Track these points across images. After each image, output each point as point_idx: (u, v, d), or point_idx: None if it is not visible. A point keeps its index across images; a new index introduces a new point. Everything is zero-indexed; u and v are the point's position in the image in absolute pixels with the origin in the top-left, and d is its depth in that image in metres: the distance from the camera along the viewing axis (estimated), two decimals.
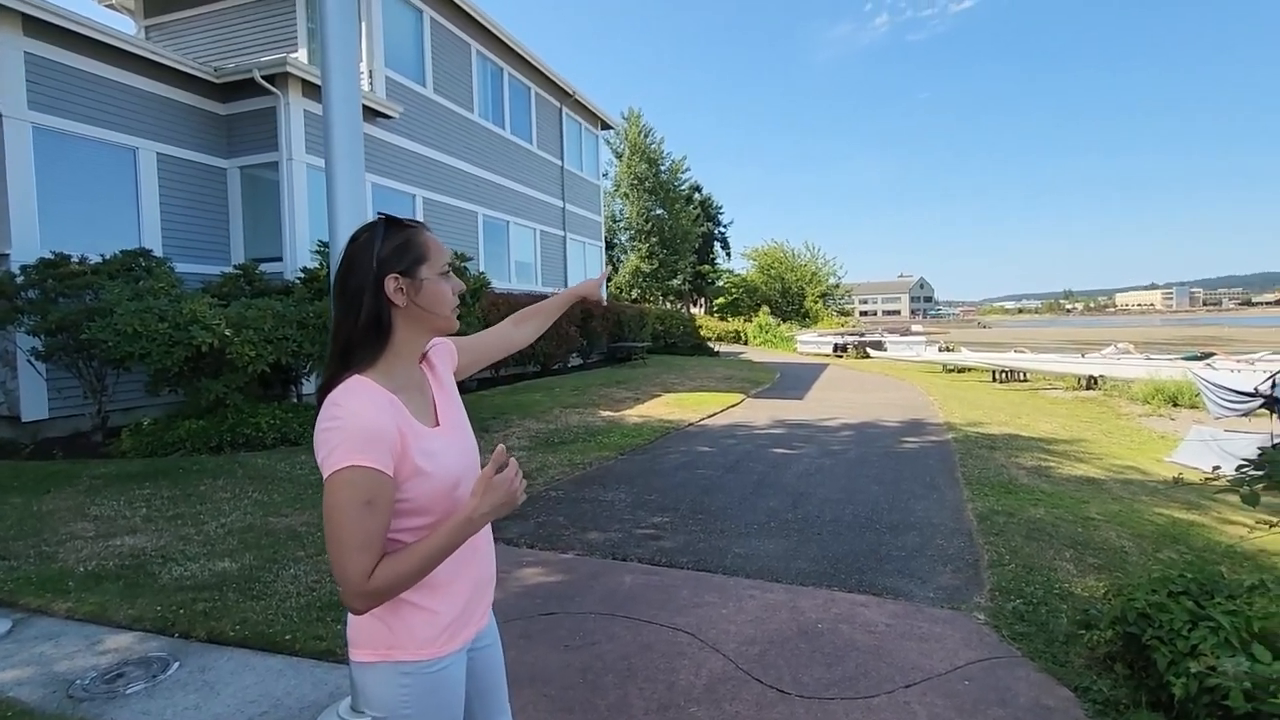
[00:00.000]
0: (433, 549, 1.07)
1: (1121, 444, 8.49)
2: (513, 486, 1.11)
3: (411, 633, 1.15)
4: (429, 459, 1.12)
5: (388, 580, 1.04)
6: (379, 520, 1.05)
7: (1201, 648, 2.17)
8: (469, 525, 1.08)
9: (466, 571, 1.23)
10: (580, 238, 19.11)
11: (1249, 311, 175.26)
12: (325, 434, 1.05)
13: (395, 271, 1.13)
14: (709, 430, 8.65)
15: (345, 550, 1.02)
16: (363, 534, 1.02)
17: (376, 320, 1.13)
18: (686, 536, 4.46)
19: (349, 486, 1.02)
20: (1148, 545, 4.32)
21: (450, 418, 1.25)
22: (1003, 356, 18.54)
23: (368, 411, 1.06)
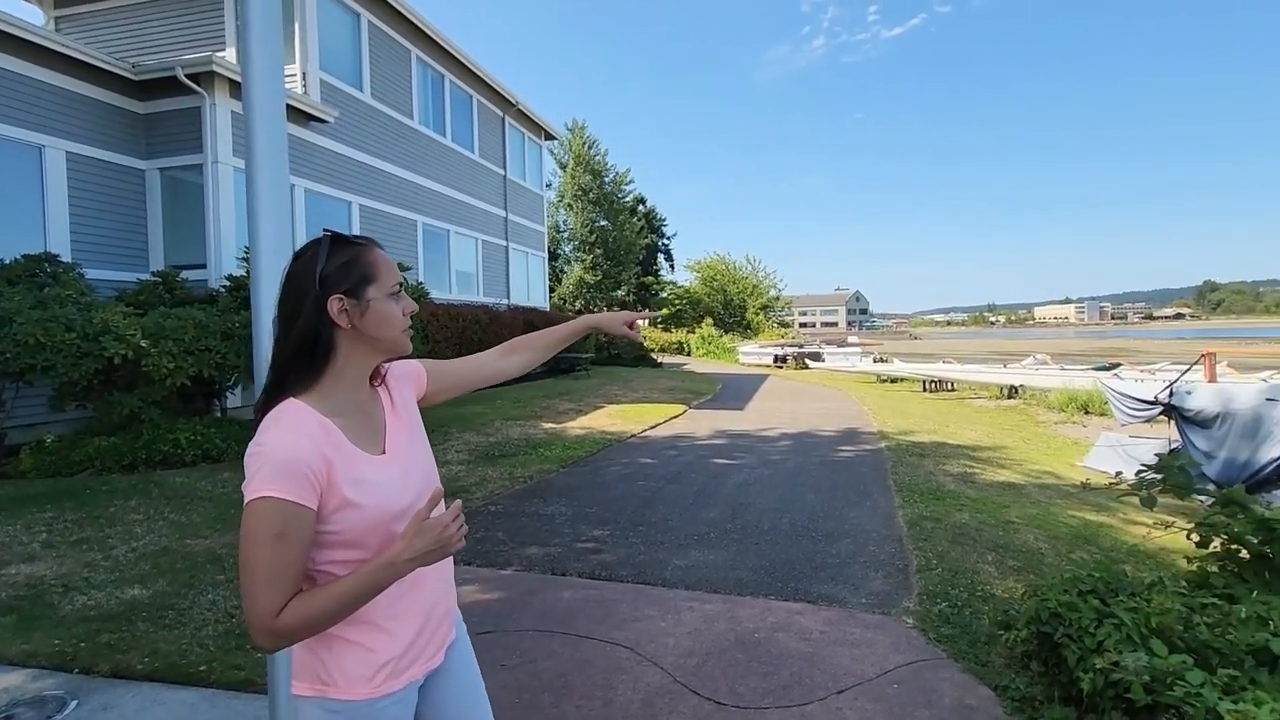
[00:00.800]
0: (348, 591, 1.00)
1: (1039, 450, 8.97)
2: (446, 532, 1.04)
3: (344, 670, 1.09)
4: (361, 489, 1.06)
5: (297, 620, 0.97)
6: (291, 554, 0.98)
7: (1106, 644, 2.30)
8: (390, 569, 1.01)
9: (411, 606, 1.16)
10: (523, 248, 18.96)
11: (1151, 325, 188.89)
12: (248, 460, 1.01)
13: (339, 292, 1.08)
14: (651, 442, 8.68)
15: (253, 583, 0.96)
16: (271, 567, 0.96)
17: (314, 342, 1.07)
18: (627, 549, 4.45)
19: (260, 517, 0.97)
20: (1062, 547, 4.57)
21: (400, 445, 1.18)
22: (932, 367, 19.35)
23: (289, 439, 1.01)
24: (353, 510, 1.04)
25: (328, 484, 1.02)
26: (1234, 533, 2.69)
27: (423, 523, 1.03)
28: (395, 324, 1.14)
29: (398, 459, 1.15)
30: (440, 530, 1.03)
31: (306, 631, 0.99)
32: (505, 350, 1.52)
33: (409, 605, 1.15)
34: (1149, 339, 74.43)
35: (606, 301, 38.34)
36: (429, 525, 1.03)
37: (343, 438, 1.07)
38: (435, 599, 1.22)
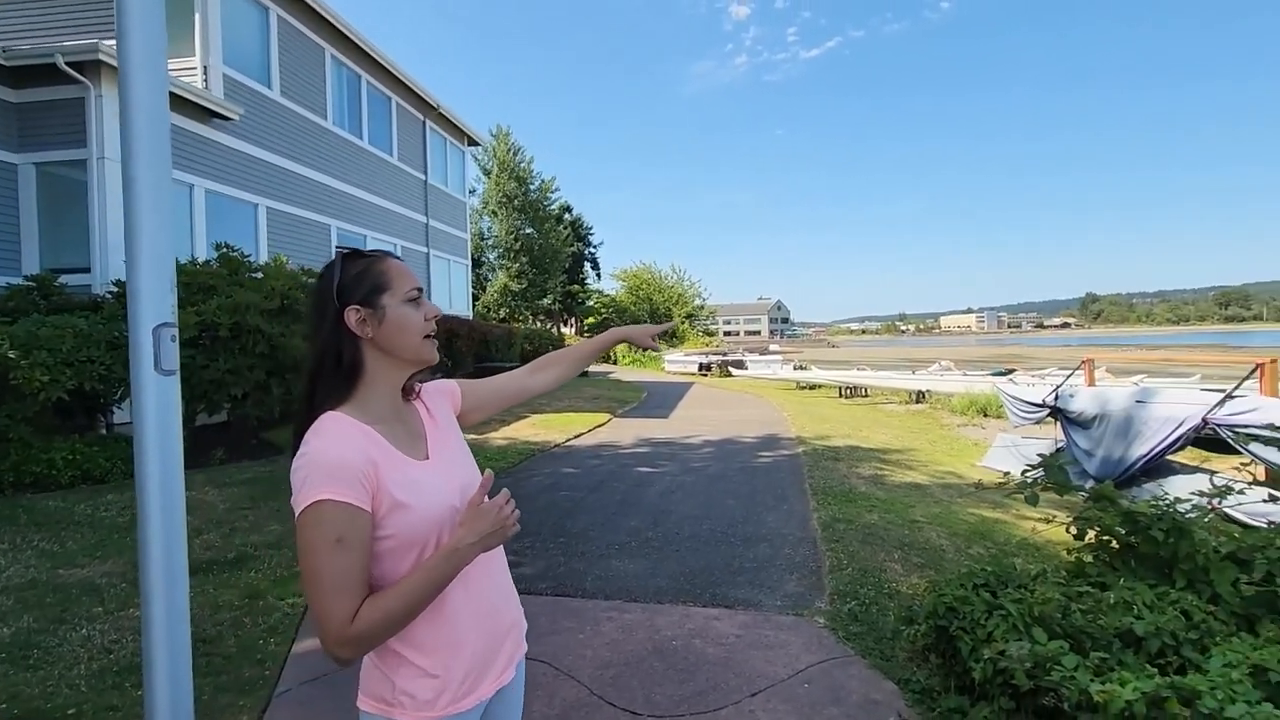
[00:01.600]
0: (417, 585, 1.00)
1: (943, 452, 9.49)
2: (502, 514, 1.07)
3: (411, 694, 1.08)
4: (409, 490, 1.06)
5: (372, 623, 0.97)
6: (354, 558, 0.98)
7: (995, 634, 2.45)
8: (455, 556, 1.03)
9: (476, 626, 1.14)
10: (445, 254, 18.51)
11: (1041, 333, 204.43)
12: (295, 473, 1.01)
13: (354, 302, 1.10)
14: (575, 451, 8.63)
15: (320, 594, 0.95)
16: (337, 574, 0.96)
17: (338, 355, 1.09)
18: (546, 561, 4.40)
19: (316, 524, 0.96)
20: (961, 543, 4.85)
21: (442, 451, 1.18)
22: (847, 374, 20.18)
23: (334, 445, 1.01)
24: (403, 512, 1.04)
25: (377, 486, 1.03)
26: (1105, 525, 2.92)
27: (480, 506, 1.07)
28: (413, 329, 1.14)
29: (441, 464, 1.16)
30: (497, 511, 1.06)
31: (383, 633, 0.99)
32: (534, 367, 1.54)
33: (475, 626, 1.14)
34: (1040, 346, 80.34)
35: (532, 310, 37.98)
36: (486, 508, 1.06)
37: (386, 442, 1.07)
38: (499, 611, 1.20)
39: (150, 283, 1.87)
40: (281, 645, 3.12)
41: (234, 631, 3.25)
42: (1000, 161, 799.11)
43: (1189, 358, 19.62)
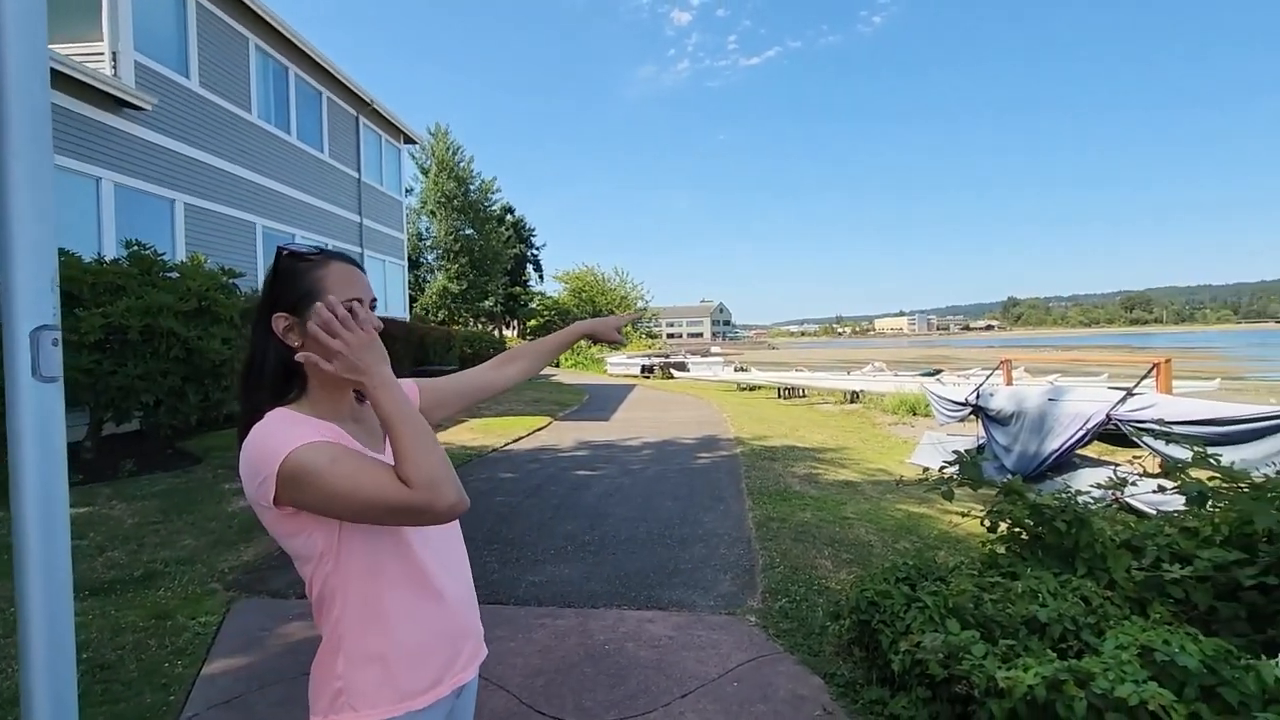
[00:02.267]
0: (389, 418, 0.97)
1: (875, 450, 9.82)
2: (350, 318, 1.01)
3: (363, 693, 1.04)
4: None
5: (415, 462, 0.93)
6: (360, 459, 0.96)
7: (913, 626, 2.54)
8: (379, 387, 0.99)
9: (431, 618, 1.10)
10: (380, 255, 17.97)
11: (967, 335, 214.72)
12: (244, 465, 0.97)
13: (283, 309, 1.06)
14: (513, 455, 8.51)
15: (375, 491, 0.92)
16: (363, 470, 0.94)
17: (263, 361, 1.06)
18: (480, 569, 4.31)
19: (308, 461, 0.93)
20: (889, 538, 5.01)
21: None
22: (786, 375, 20.65)
23: (283, 425, 0.99)
24: None
25: None
26: (1015, 517, 3.07)
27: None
28: None
29: None
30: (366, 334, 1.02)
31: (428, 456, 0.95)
32: (501, 361, 1.49)
33: (428, 617, 1.10)
34: (966, 347, 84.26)
35: (473, 312, 37.29)
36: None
37: (342, 431, 1.04)
38: (457, 611, 1.15)
39: (27, 280, 1.73)
40: (190, 668, 2.95)
41: (137, 655, 3.05)
42: (930, 173, 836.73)
43: (1097, 358, 20.93)
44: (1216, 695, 1.91)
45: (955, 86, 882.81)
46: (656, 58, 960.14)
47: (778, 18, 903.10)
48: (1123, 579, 2.71)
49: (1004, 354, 12.40)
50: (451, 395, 1.38)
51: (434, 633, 1.11)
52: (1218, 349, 61.89)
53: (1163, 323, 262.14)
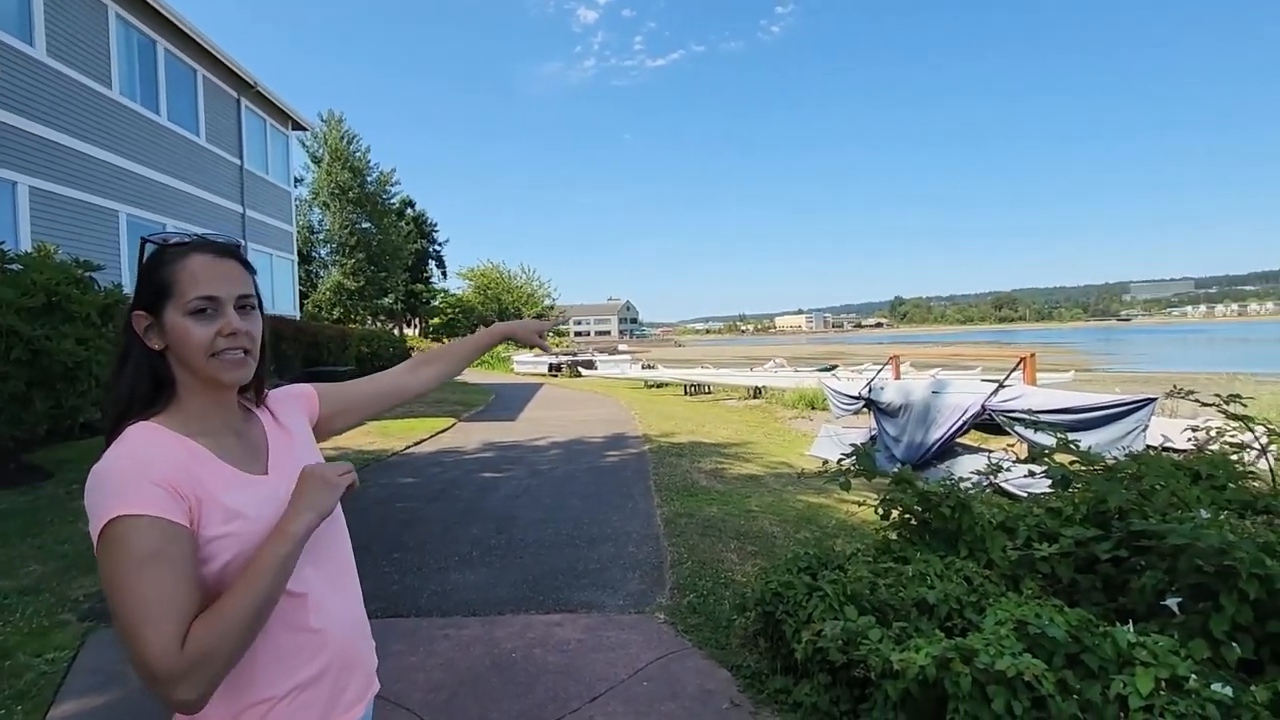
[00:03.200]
0: (253, 580, 0.85)
1: (777, 443, 10.18)
2: (329, 471, 0.96)
3: None
4: (244, 507, 0.92)
5: (209, 640, 0.81)
6: (175, 575, 0.82)
7: (815, 615, 2.62)
8: (293, 526, 0.90)
9: (316, 653, 0.98)
10: (266, 249, 16.76)
11: (859, 332, 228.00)
12: (89, 490, 0.85)
13: (141, 307, 0.96)
14: (414, 459, 8.17)
15: (135, 626, 0.79)
16: (153, 595, 0.80)
17: (124, 362, 0.96)
18: (377, 580, 4.09)
19: (120, 543, 0.81)
20: (791, 529, 5.19)
21: (285, 463, 1.03)
22: (692, 372, 21.05)
23: (138, 452, 0.87)
24: (231, 538, 0.90)
25: (198, 504, 0.88)
26: (905, 505, 3.25)
27: (311, 468, 0.97)
28: (193, 346, 0.94)
29: (283, 479, 1.00)
30: (324, 469, 0.97)
31: (226, 649, 0.83)
32: (414, 364, 1.41)
33: (306, 658, 0.98)
34: (858, 344, 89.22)
35: (371, 310, 35.59)
36: (316, 468, 0.96)
37: (211, 455, 0.94)
38: (343, 644, 1.03)
39: None
40: (33, 714, 2.60)
41: None
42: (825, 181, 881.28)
43: (973, 353, 22.72)
44: (1080, 662, 2.08)
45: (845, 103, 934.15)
46: (562, 54, 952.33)
47: (682, 21, 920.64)
48: (999, 558, 2.92)
49: (892, 350, 13.19)
50: (359, 400, 1.28)
51: (313, 674, 0.99)
52: (1071, 344, 68.73)
53: (1026, 320, 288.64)
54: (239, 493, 0.93)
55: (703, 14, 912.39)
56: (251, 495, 0.95)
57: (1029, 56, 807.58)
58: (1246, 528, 2.44)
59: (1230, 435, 3.71)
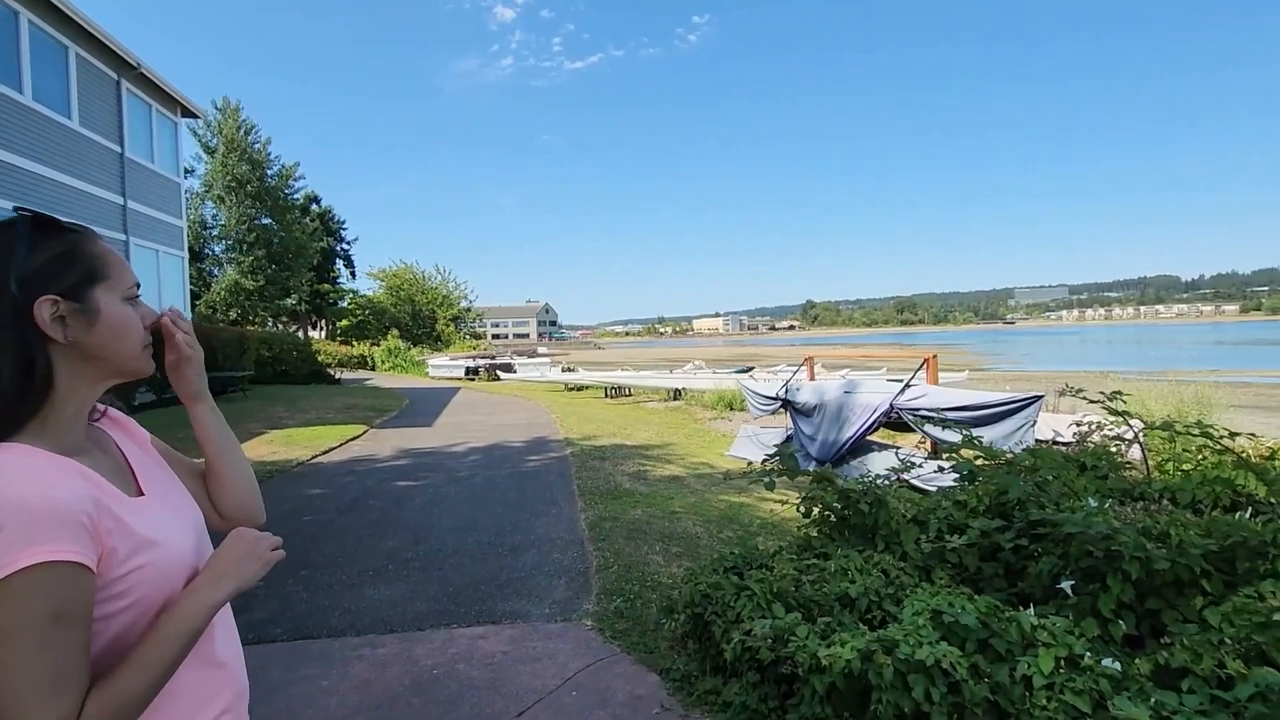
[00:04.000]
0: (161, 650, 0.76)
1: (697, 444, 10.33)
2: (264, 542, 0.90)
3: None
4: (149, 532, 0.82)
5: (107, 712, 0.71)
6: (77, 637, 0.72)
7: (743, 614, 2.65)
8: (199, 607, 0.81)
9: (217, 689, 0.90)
10: (151, 244, 15.42)
11: (773, 334, 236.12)
12: None
13: (54, 292, 0.80)
14: (323, 469, 7.73)
15: (25, 698, 0.67)
16: (53, 664, 0.69)
17: (24, 364, 0.79)
18: (282, 601, 3.82)
19: (23, 598, 0.68)
20: (714, 529, 5.26)
21: (157, 484, 0.93)
22: (612, 375, 21.09)
23: (33, 483, 0.72)
24: (145, 570, 0.80)
25: (108, 538, 0.76)
26: (825, 502, 3.35)
27: (240, 531, 0.91)
28: (135, 337, 0.88)
29: (162, 500, 0.91)
30: (254, 537, 0.90)
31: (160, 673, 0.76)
32: None
33: (216, 692, 0.90)
34: (773, 346, 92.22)
35: (272, 311, 33.52)
36: (249, 534, 0.90)
37: (101, 478, 0.81)
38: (237, 673, 0.97)
39: None
40: None
41: None
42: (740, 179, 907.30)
43: (882, 354, 23.93)
44: (989, 646, 2.20)
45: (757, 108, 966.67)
46: (479, 52, 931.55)
47: (601, 25, 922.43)
48: (912, 550, 3.06)
49: (806, 352, 13.68)
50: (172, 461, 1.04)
51: (221, 709, 0.91)
52: (964, 345, 73.70)
53: (925, 323, 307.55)
54: (138, 518, 0.82)
55: (621, 19, 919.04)
56: (149, 520, 0.84)
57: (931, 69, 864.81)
58: (1128, 514, 2.66)
59: (1108, 429, 4.07)
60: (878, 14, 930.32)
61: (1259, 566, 2.38)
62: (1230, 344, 61.25)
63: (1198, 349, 51.43)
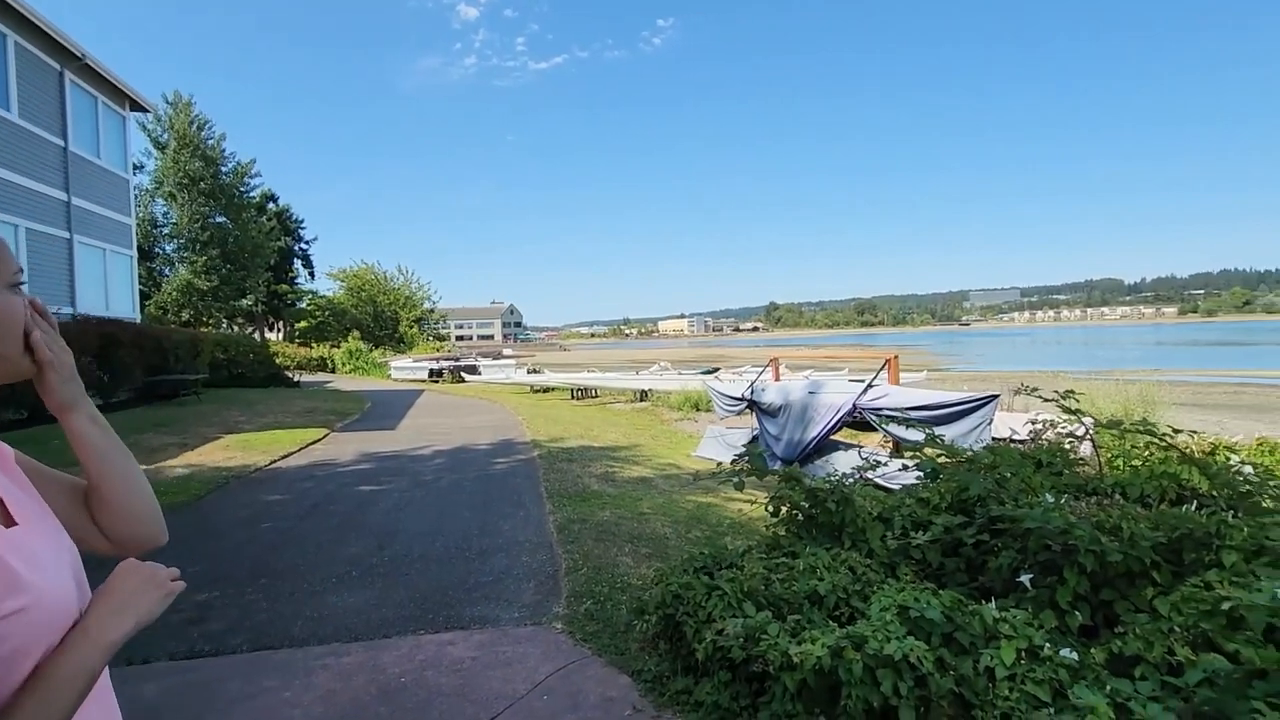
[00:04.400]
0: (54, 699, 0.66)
1: (664, 445, 10.36)
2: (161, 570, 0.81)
3: None
4: (29, 571, 0.69)
5: None
6: None
7: (714, 613, 2.67)
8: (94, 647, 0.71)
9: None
10: (98, 242, 14.81)
11: (738, 336, 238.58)
12: None
13: None
14: (283, 474, 7.53)
15: None
16: None
17: None
18: (241, 610, 3.71)
19: None
20: (682, 529, 5.29)
21: (27, 510, 0.78)
22: (578, 376, 21.02)
23: None
24: (17, 612, 0.66)
25: None
26: (793, 501, 3.40)
27: (132, 562, 0.80)
28: (17, 330, 0.78)
29: (38, 530, 0.77)
30: (164, 570, 0.81)
31: None
32: None
33: None
34: (737, 347, 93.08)
35: (227, 312, 32.52)
36: (142, 565, 0.80)
37: None
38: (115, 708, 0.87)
39: None
40: None
41: None
42: (705, 180, 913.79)
43: (846, 354, 24.37)
44: (954, 639, 2.26)
45: (722, 111, 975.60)
46: (442, 50, 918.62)
47: (566, 26, 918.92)
48: (878, 547, 3.12)
49: (770, 353, 13.84)
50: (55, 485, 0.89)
51: None
52: (922, 345, 75.55)
53: (884, 324, 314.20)
54: (14, 554, 0.70)
55: (586, 20, 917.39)
56: (27, 556, 0.71)
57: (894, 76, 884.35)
58: (1082, 509, 2.76)
59: (1061, 426, 4.22)
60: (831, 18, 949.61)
61: (1204, 557, 2.49)
62: (1170, 344, 64.17)
63: (1140, 349, 53.78)
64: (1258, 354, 42.73)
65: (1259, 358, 38.18)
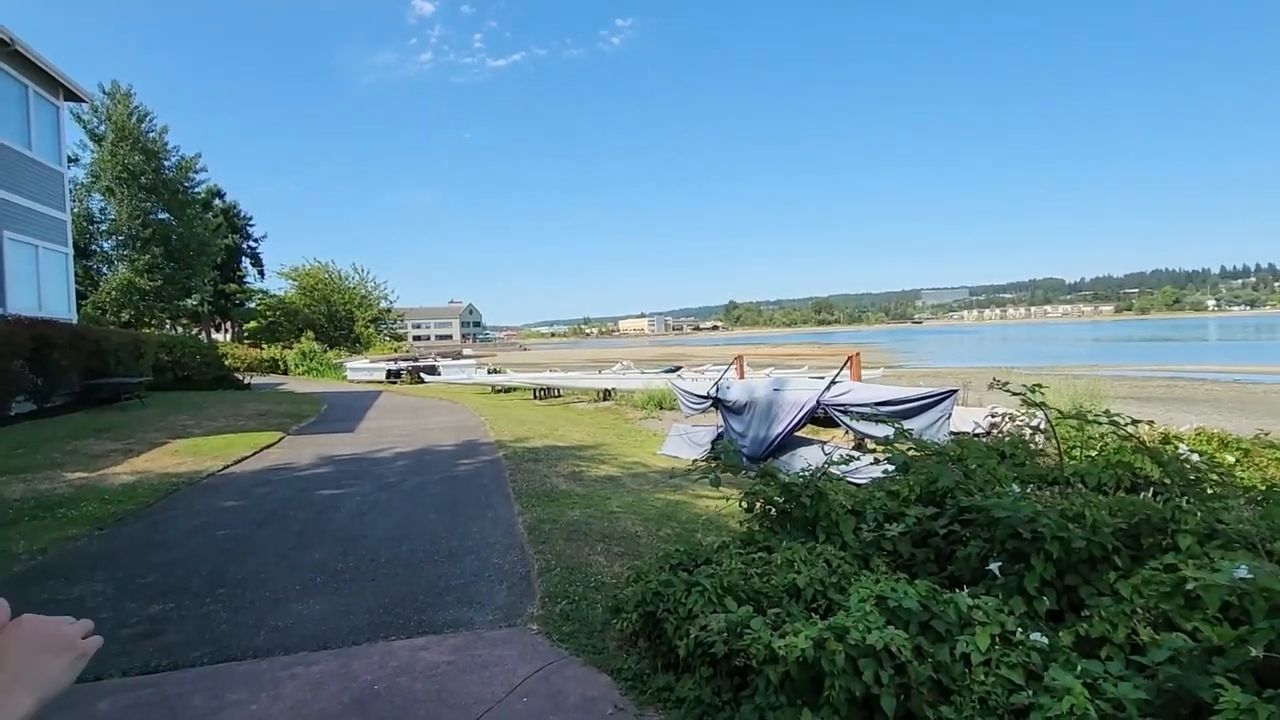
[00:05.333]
0: None
1: (630, 444, 10.36)
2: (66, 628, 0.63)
3: None
4: None
5: None
6: None
7: (695, 610, 2.68)
8: None
9: None
10: (29, 238, 14.03)
11: (698, 335, 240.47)
12: None
13: None
14: (236, 479, 7.26)
15: None
16: None
17: None
18: (200, 622, 3.56)
19: None
20: (653, 526, 5.29)
21: None
22: (540, 376, 20.85)
23: None
24: None
25: None
26: (768, 496, 3.43)
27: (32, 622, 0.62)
28: None
29: None
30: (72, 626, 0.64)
31: None
32: None
33: None
34: (698, 346, 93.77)
35: (171, 313, 31.22)
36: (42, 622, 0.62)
37: None
38: None
39: None
40: None
41: None
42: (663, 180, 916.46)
43: (809, 352, 24.78)
44: (930, 628, 2.31)
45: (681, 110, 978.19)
46: (396, 45, 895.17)
47: (524, 23, 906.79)
48: (852, 540, 3.17)
49: (730, 351, 13.96)
50: None
51: None
52: (877, 343, 77.22)
53: (840, 323, 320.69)
54: None
55: (544, 18, 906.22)
56: None
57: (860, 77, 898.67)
58: (1046, 498, 2.86)
59: (1020, 419, 4.37)
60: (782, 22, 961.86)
61: (1160, 541, 2.60)
62: (1108, 341, 67.28)
63: (1081, 346, 56.19)
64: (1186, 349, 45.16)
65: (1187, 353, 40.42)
